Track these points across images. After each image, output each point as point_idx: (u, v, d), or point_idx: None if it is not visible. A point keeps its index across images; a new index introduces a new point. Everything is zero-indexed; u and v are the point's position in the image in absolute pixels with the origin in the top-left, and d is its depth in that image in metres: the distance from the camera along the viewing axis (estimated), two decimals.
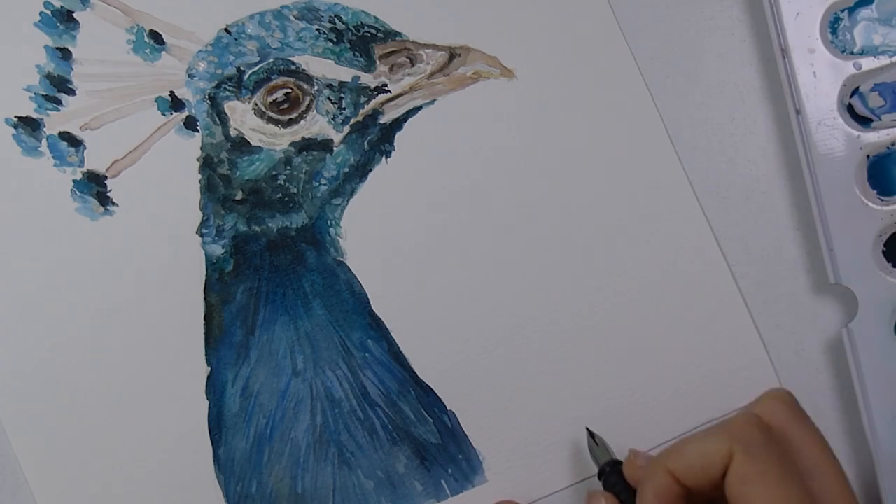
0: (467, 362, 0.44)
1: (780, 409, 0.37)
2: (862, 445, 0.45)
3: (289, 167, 0.44)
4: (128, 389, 0.44)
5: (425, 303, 0.44)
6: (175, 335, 0.44)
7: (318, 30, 0.44)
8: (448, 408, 0.44)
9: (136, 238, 0.44)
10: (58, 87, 0.43)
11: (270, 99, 0.44)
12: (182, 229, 0.44)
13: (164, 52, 0.44)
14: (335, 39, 0.44)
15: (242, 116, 0.44)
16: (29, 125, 0.43)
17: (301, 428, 0.44)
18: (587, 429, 0.43)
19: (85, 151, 0.44)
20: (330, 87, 0.44)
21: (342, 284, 0.44)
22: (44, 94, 0.43)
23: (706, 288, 0.45)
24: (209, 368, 0.44)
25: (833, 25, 0.44)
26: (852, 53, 0.44)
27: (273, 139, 0.44)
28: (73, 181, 0.44)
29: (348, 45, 0.44)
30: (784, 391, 0.39)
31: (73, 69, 0.44)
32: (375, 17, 0.45)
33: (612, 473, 0.41)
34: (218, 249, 0.44)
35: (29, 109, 0.43)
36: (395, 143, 0.45)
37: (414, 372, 0.44)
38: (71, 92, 0.44)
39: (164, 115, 0.44)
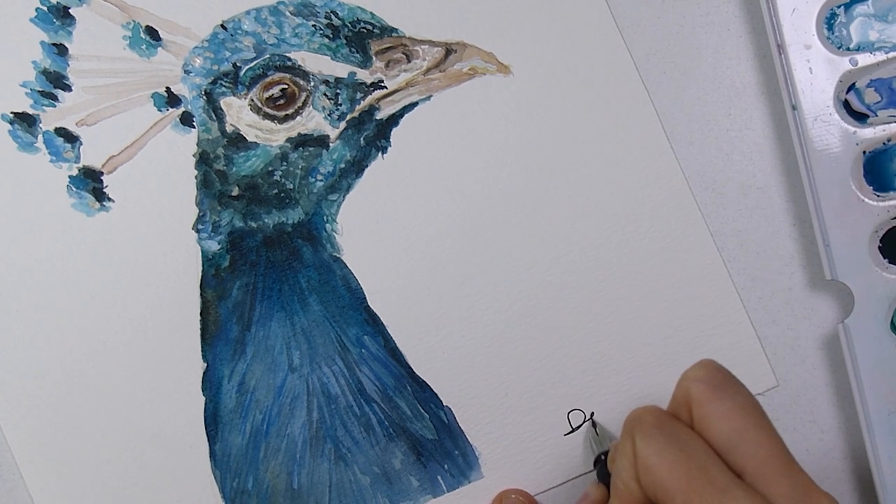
0: (464, 358, 0.44)
1: (694, 388, 0.34)
2: (858, 441, 0.45)
3: (285, 163, 0.44)
4: (124, 385, 0.44)
5: (421, 299, 0.44)
6: (171, 331, 0.44)
7: (314, 26, 0.44)
8: (444, 403, 0.44)
9: (133, 234, 0.44)
10: (54, 83, 0.43)
11: (267, 95, 0.44)
12: (178, 225, 0.44)
13: (160, 48, 0.44)
14: (331, 35, 0.44)
15: (239, 112, 0.44)
16: (25, 121, 0.43)
17: (297, 424, 0.44)
18: (591, 417, 0.44)
19: (81, 147, 0.44)
20: (326, 83, 0.44)
21: (338, 280, 0.44)
22: (40, 90, 0.43)
23: (702, 284, 0.45)
24: (205, 364, 0.44)
25: (829, 21, 0.44)
26: (848, 49, 0.44)
27: (269, 135, 0.44)
28: (69, 177, 0.44)
29: (344, 41, 0.44)
30: (700, 367, 0.35)
31: (69, 65, 0.44)
32: (371, 13, 0.45)
33: (604, 463, 0.41)
34: (214, 245, 0.44)
35: (25, 105, 0.43)
36: (391, 139, 0.45)
37: (410, 368, 0.44)
38: (67, 88, 0.44)
39: (160, 111, 0.44)
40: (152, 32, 0.44)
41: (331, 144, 0.44)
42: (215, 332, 0.44)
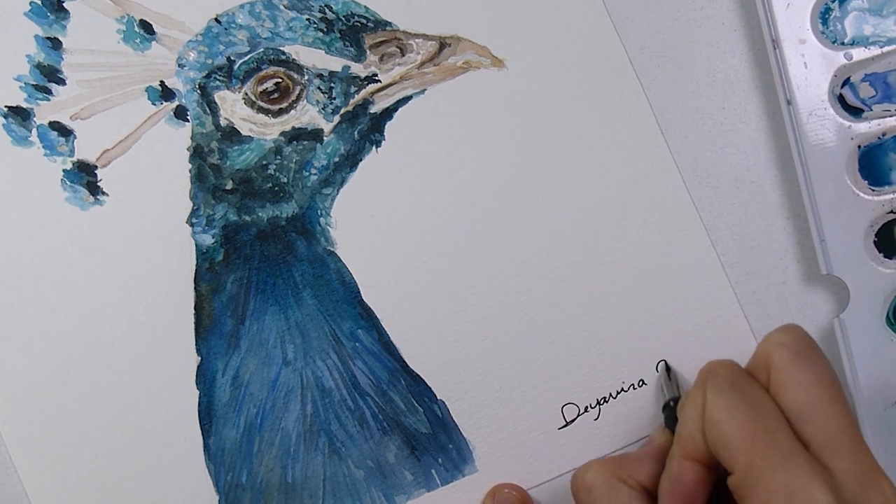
0: (458, 352, 0.44)
1: (777, 353, 0.35)
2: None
3: (279, 157, 0.44)
4: (118, 379, 0.44)
5: (416, 292, 0.44)
6: (165, 325, 0.44)
7: (308, 19, 0.44)
8: (438, 397, 0.44)
9: (127, 228, 0.44)
10: (48, 76, 0.43)
11: (261, 89, 0.44)
12: (172, 219, 0.44)
13: (154, 42, 0.44)
14: (325, 29, 0.44)
15: (233, 106, 0.44)
16: (19, 115, 0.43)
17: (291, 417, 0.44)
18: (665, 362, 0.44)
19: (75, 141, 0.44)
20: (320, 76, 0.44)
21: (332, 274, 0.44)
22: (34, 83, 0.43)
23: (696, 278, 0.45)
24: (199, 358, 0.44)
25: (824, 16, 0.44)
26: (843, 44, 0.44)
27: (263, 129, 0.44)
28: (64, 171, 0.44)
29: (338, 35, 0.44)
30: (786, 331, 0.36)
31: (63, 59, 0.44)
32: (365, 7, 0.45)
33: (673, 410, 0.41)
34: (208, 239, 0.44)
35: (19, 99, 0.43)
36: (385, 133, 0.45)
37: (404, 361, 0.44)
38: (61, 82, 0.44)
39: (154, 104, 0.44)
40: (146, 26, 0.44)
41: (325, 138, 0.44)
42: (209, 325, 0.44)
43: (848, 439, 0.33)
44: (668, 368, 0.44)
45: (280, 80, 0.44)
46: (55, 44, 0.43)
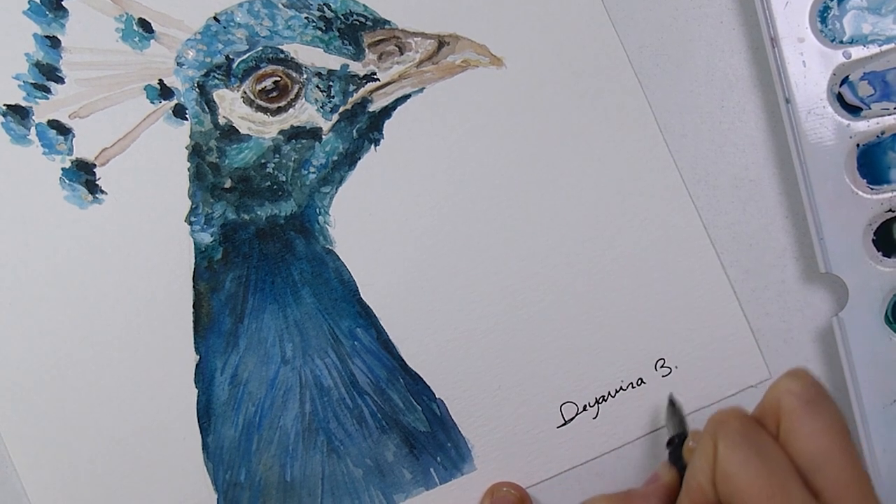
0: (456, 350, 0.44)
1: (787, 400, 0.35)
2: (853, 434, 0.45)
3: (278, 155, 0.44)
4: (116, 377, 0.44)
5: (414, 291, 0.44)
6: (164, 323, 0.44)
7: (306, 18, 0.44)
8: (437, 396, 0.44)
9: (125, 226, 0.44)
10: (47, 75, 0.43)
11: (259, 87, 0.44)
12: (171, 218, 0.44)
13: (152, 41, 0.44)
14: (324, 28, 0.44)
15: (231, 105, 0.44)
16: (18, 113, 0.43)
17: (290, 416, 0.44)
18: (670, 395, 0.43)
19: (74, 140, 0.44)
20: (319, 75, 0.44)
21: (331, 272, 0.44)
22: (33, 82, 0.43)
23: (695, 276, 0.45)
24: (198, 357, 0.44)
25: (822, 14, 0.44)
26: (842, 42, 0.44)
27: (262, 127, 0.44)
28: (62, 169, 0.44)
29: (337, 34, 0.44)
30: (795, 378, 0.35)
31: (62, 57, 0.44)
32: (364, 6, 0.45)
33: (678, 447, 0.40)
34: (207, 237, 0.44)
35: (18, 98, 0.43)
36: (383, 132, 0.45)
37: (403, 360, 0.44)
38: (60, 80, 0.44)
39: (152, 103, 0.44)
40: (145, 25, 0.44)
41: (323, 137, 0.44)
42: (208, 324, 0.44)
43: (859, 491, 0.33)
44: (672, 402, 0.44)
45: (279, 79, 0.44)
46: (54, 42, 0.43)
